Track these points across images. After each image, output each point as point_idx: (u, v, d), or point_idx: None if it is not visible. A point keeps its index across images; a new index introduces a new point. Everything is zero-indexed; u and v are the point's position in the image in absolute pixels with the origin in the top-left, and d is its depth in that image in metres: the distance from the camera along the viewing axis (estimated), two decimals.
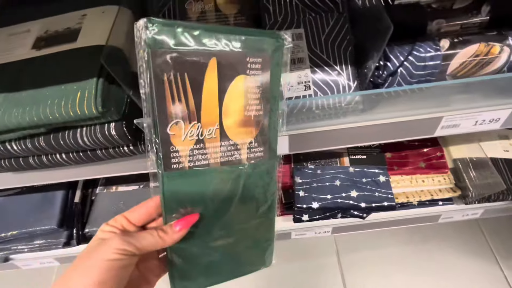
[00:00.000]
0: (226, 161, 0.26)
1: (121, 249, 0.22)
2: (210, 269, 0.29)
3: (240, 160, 0.27)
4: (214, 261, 0.29)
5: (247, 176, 0.27)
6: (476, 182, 0.67)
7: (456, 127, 0.46)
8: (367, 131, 0.44)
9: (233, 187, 0.27)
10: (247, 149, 0.27)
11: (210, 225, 0.27)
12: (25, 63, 0.37)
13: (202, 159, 0.25)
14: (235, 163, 0.27)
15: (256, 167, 0.28)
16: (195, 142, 0.25)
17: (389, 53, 0.34)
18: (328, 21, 0.40)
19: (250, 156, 0.27)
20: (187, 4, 0.41)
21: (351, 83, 0.39)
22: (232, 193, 0.27)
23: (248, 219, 0.30)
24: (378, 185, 0.66)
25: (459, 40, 0.33)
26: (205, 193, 0.26)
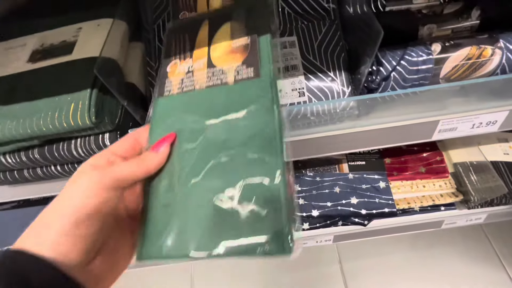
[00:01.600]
0: (212, 84, 0.27)
1: (98, 182, 0.20)
2: (194, 226, 0.22)
3: (226, 82, 0.27)
4: (198, 214, 0.22)
5: (234, 94, 0.26)
6: (477, 186, 0.66)
7: (454, 130, 0.46)
8: (363, 137, 0.44)
9: (219, 108, 0.25)
10: (234, 72, 0.27)
11: (195, 157, 0.24)
12: (20, 76, 0.37)
13: (189, 85, 0.28)
14: (221, 84, 0.27)
15: (245, 87, 0.26)
16: (185, 73, 0.28)
17: (382, 58, 0.34)
18: (321, 28, 0.40)
19: (238, 77, 0.27)
20: (181, 15, 0.41)
21: (345, 88, 0.39)
22: (218, 115, 0.25)
23: (241, 156, 0.23)
24: (378, 191, 0.65)
25: (451, 43, 0.33)
26: (190, 115, 0.25)
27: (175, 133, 0.25)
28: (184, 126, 0.25)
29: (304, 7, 0.42)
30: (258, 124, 0.24)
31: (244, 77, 0.26)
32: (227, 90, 0.26)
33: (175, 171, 0.24)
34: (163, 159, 0.24)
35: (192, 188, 0.23)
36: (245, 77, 0.26)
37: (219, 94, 0.26)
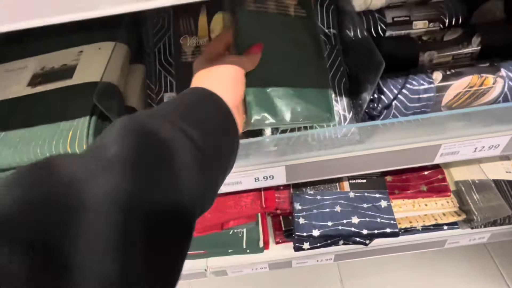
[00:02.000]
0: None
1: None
2: (280, 104, 0.33)
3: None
4: (280, 97, 0.33)
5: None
6: (480, 205, 0.65)
7: (456, 154, 0.45)
8: (365, 160, 0.44)
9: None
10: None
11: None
12: (19, 100, 0.37)
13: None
14: None
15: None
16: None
17: (383, 86, 0.34)
18: None
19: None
20: (181, 39, 0.42)
21: (346, 114, 0.39)
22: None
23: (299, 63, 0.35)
24: (380, 211, 0.64)
25: (452, 72, 0.33)
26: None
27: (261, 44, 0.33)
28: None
29: None
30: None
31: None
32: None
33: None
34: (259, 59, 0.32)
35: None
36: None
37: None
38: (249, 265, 0.68)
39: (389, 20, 0.41)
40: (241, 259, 0.65)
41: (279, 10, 0.35)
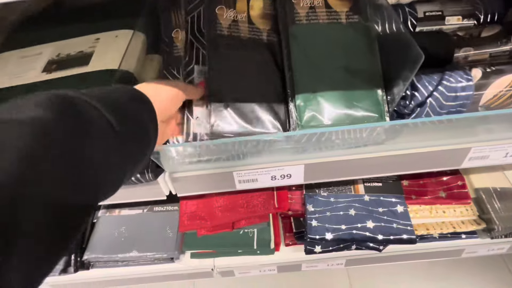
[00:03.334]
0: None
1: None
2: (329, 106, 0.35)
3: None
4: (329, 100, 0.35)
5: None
6: (502, 214, 0.62)
7: (485, 158, 0.43)
8: (388, 161, 0.41)
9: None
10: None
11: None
12: (34, 86, 0.36)
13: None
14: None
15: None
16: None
17: (417, 82, 0.32)
18: None
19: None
20: (217, 8, 0.39)
21: None
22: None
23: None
24: (396, 216, 0.62)
25: (492, 70, 0.31)
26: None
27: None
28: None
29: None
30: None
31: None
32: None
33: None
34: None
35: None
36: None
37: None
38: (258, 266, 0.66)
39: (420, 14, 0.39)
40: (250, 260, 0.63)
41: (330, 19, 0.37)
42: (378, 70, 0.35)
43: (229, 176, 0.41)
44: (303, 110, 0.34)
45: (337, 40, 0.36)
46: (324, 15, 0.36)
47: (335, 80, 0.34)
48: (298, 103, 0.34)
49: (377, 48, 0.36)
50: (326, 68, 0.35)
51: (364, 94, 0.34)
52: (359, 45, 0.36)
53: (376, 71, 0.35)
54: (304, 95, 0.34)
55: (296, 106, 0.34)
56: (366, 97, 0.34)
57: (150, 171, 0.39)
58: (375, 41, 0.36)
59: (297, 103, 0.34)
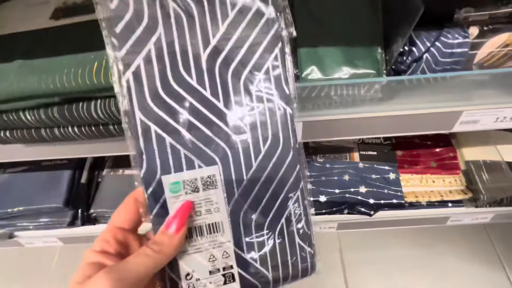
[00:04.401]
0: None
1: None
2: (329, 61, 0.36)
3: None
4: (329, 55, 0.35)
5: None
6: (488, 185, 0.66)
7: (476, 123, 0.45)
8: (383, 122, 0.43)
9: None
10: None
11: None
12: (43, 32, 0.37)
13: None
14: None
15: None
16: None
17: (415, 38, 0.33)
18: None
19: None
20: None
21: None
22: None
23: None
24: (388, 182, 0.65)
25: (489, 28, 0.32)
26: None
27: (189, 209, 0.21)
28: None
29: None
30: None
31: None
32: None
33: None
34: (182, 241, 0.20)
35: None
36: None
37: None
38: None
39: None
40: None
41: None
42: (379, 29, 0.36)
43: None
44: (303, 63, 0.35)
45: None
46: None
47: (336, 35, 0.35)
48: (299, 56, 0.35)
49: (380, 7, 0.37)
50: (328, 22, 0.36)
51: (364, 52, 0.35)
52: (362, 3, 0.36)
53: (377, 30, 0.36)
54: (305, 50, 0.35)
55: (298, 58, 0.35)
56: (365, 55, 0.35)
57: None
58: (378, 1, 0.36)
59: (300, 55, 0.35)
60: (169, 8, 0.21)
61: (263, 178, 0.23)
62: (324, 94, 0.37)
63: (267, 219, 0.23)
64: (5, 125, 0.39)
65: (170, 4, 0.21)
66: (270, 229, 0.23)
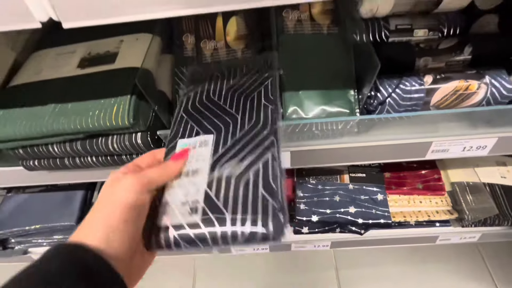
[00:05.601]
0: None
1: (137, 183, 0.24)
2: (309, 103, 0.43)
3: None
4: (310, 98, 0.42)
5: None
6: (472, 206, 0.69)
7: (446, 152, 0.50)
8: (362, 151, 0.49)
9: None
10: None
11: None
12: (71, 79, 0.44)
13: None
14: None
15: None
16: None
17: (379, 84, 0.39)
18: None
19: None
20: (202, 42, 0.48)
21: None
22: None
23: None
24: (376, 203, 0.69)
25: (441, 76, 0.38)
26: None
27: (187, 152, 0.31)
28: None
29: None
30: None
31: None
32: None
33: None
34: (179, 168, 0.29)
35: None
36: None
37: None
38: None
39: (392, 27, 0.46)
40: None
41: (313, 30, 0.45)
42: (351, 74, 0.43)
43: None
44: (287, 105, 0.41)
45: (318, 47, 0.43)
46: (309, 27, 0.44)
47: (315, 81, 0.42)
48: (283, 99, 0.42)
49: (352, 55, 0.44)
50: (309, 70, 0.43)
51: (339, 93, 0.42)
52: (337, 52, 0.43)
53: (350, 74, 0.43)
54: (289, 93, 0.42)
55: (282, 101, 0.42)
56: (340, 96, 0.42)
57: None
58: (351, 49, 0.43)
59: (282, 99, 0.42)
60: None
61: (243, 142, 0.30)
62: (307, 129, 0.43)
63: (238, 171, 0.28)
64: (35, 156, 0.45)
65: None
66: (240, 178, 0.27)
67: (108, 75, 0.43)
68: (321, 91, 0.42)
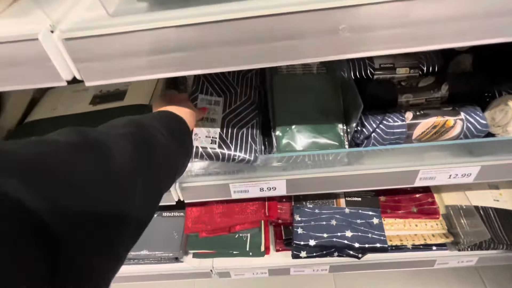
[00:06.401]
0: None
1: (193, 113, 0.42)
2: (301, 137, 0.48)
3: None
4: (301, 132, 0.48)
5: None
6: (467, 229, 0.71)
7: (433, 179, 0.53)
8: (353, 179, 0.52)
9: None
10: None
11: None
12: (84, 115, 0.48)
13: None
14: None
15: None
16: None
17: (364, 120, 0.43)
18: None
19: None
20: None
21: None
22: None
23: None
24: (372, 227, 0.71)
25: (421, 113, 0.42)
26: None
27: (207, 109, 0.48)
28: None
29: None
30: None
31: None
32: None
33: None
34: (204, 114, 0.47)
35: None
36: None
37: None
38: (251, 269, 0.75)
39: (377, 66, 0.50)
40: (244, 263, 0.73)
41: (304, 70, 0.51)
42: (340, 109, 0.47)
43: (226, 187, 0.52)
44: (280, 139, 0.45)
45: (309, 86, 0.48)
46: (300, 67, 0.49)
47: (306, 116, 0.46)
48: (277, 134, 0.45)
49: (340, 93, 0.48)
50: (300, 107, 0.47)
51: (328, 127, 0.45)
52: (326, 90, 0.48)
53: (338, 109, 0.47)
54: (282, 127, 0.45)
55: (276, 135, 0.45)
56: (329, 129, 0.45)
57: None
58: (338, 88, 0.48)
59: (276, 133, 0.46)
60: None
61: (242, 107, 0.49)
62: (300, 160, 0.47)
63: (237, 125, 0.47)
64: None
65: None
66: (238, 130, 0.46)
67: (118, 111, 0.47)
68: (312, 125, 0.45)
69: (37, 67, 0.26)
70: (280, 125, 0.46)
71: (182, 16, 0.24)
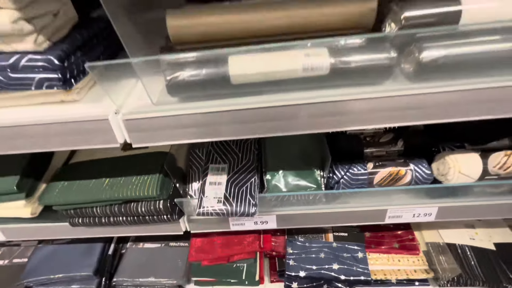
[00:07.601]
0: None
1: None
2: (286, 180, 0.60)
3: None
4: (286, 177, 0.60)
5: None
6: (444, 265, 0.77)
7: (400, 217, 0.63)
8: (331, 216, 0.62)
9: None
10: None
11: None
12: (117, 159, 0.62)
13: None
14: None
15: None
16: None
17: (334, 169, 0.55)
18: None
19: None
20: None
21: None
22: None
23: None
24: (357, 260, 0.78)
25: (379, 164, 0.54)
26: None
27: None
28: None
29: None
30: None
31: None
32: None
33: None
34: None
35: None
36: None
37: None
38: None
39: None
40: None
41: None
42: (318, 159, 0.59)
43: (225, 220, 0.62)
44: (270, 181, 0.57)
45: (294, 139, 0.61)
46: None
47: (291, 164, 0.58)
48: (267, 178, 0.57)
49: (319, 144, 0.61)
50: (286, 156, 0.59)
51: (308, 173, 0.57)
52: (307, 143, 0.60)
53: (317, 159, 0.59)
54: (271, 172, 0.58)
55: (266, 179, 0.57)
56: (309, 175, 0.57)
57: (176, 214, 0.61)
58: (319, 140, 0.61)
59: (267, 177, 0.57)
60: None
61: (243, 168, 0.60)
62: (286, 199, 0.58)
63: (238, 185, 0.58)
64: (81, 215, 0.60)
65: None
66: (240, 188, 0.57)
67: (143, 157, 0.61)
68: (295, 171, 0.57)
69: (102, 135, 0.40)
70: (270, 170, 0.58)
71: (199, 106, 0.38)
